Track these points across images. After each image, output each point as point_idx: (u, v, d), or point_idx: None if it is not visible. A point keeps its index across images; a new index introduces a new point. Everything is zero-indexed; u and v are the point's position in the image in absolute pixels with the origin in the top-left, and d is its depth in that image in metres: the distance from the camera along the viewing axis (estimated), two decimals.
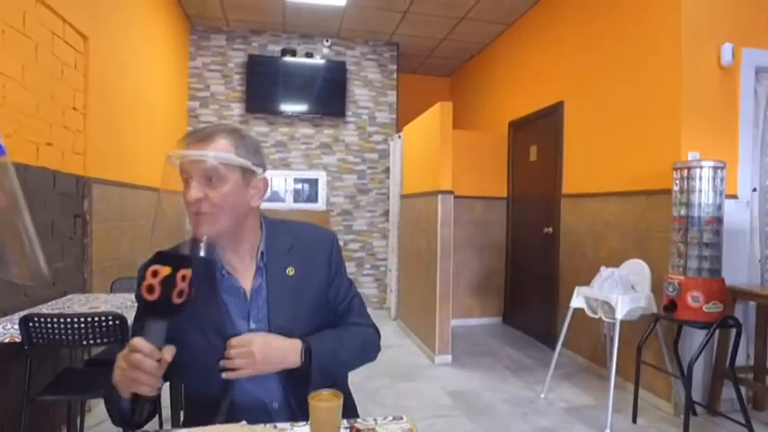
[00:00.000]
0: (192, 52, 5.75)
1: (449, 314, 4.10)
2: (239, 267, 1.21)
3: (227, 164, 1.10)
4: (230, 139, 1.14)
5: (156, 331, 0.90)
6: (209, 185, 1.10)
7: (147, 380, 0.88)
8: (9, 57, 2.23)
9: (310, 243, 1.29)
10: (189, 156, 1.11)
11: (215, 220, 1.10)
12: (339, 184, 6.07)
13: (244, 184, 1.15)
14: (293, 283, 1.22)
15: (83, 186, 2.99)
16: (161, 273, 0.88)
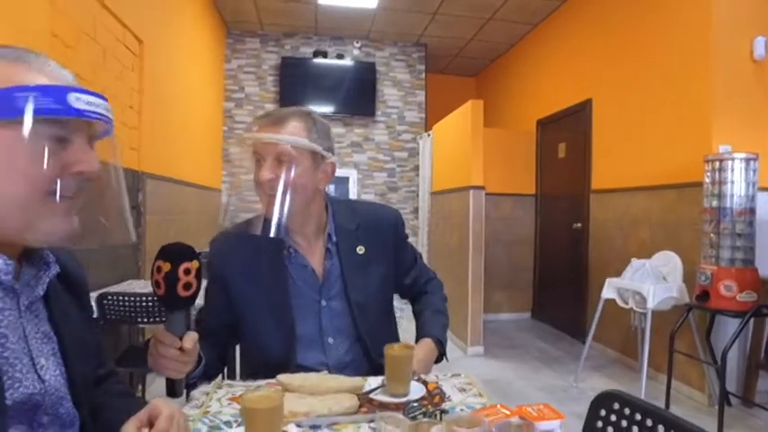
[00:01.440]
0: (228, 55, 5.98)
1: (480, 307, 4.21)
2: (306, 246, 1.31)
3: (299, 147, 1.18)
4: (303, 123, 1.20)
5: (176, 321, 0.93)
6: (281, 167, 1.17)
7: (173, 365, 0.93)
8: (82, 60, 2.43)
9: (376, 222, 1.39)
10: (264, 138, 1.17)
11: (284, 200, 1.16)
12: (369, 181, 6.22)
13: (313, 167, 1.22)
14: (364, 261, 1.33)
15: (138, 180, 3.20)
16: (163, 269, 0.89)
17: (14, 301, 0.71)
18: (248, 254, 1.28)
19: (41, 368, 0.72)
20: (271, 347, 1.26)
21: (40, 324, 0.76)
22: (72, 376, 0.78)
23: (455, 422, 0.74)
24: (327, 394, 1.02)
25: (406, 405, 0.98)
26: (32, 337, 0.73)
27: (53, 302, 0.79)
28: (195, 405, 1.04)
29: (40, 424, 0.72)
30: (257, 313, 1.28)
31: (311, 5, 5.23)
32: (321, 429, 0.92)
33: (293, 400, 0.98)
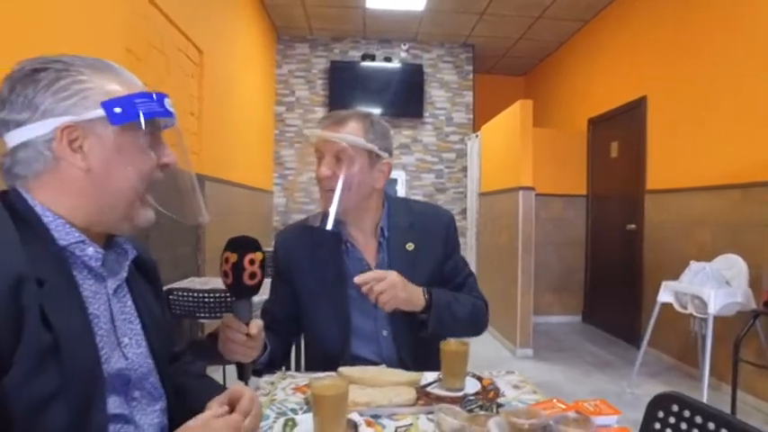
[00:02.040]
0: (279, 60, 6.17)
1: (530, 309, 4.16)
2: (362, 241, 1.37)
3: (355, 146, 1.24)
4: (362, 124, 1.27)
5: (242, 309, 0.99)
6: (339, 165, 1.24)
7: (240, 350, 1.00)
8: (151, 70, 2.60)
9: (428, 221, 1.43)
10: (323, 136, 1.26)
11: (342, 196, 1.23)
12: (417, 183, 6.26)
13: (369, 166, 1.28)
14: (412, 257, 1.37)
15: (198, 182, 3.37)
16: (230, 259, 0.96)
17: (103, 285, 0.80)
18: (309, 248, 1.36)
19: (125, 346, 0.81)
20: (329, 338, 1.33)
21: (124, 306, 0.85)
22: (154, 353, 0.86)
23: (513, 414, 0.77)
24: (386, 386, 1.07)
25: (463, 398, 1.02)
26: (118, 318, 0.82)
27: (133, 287, 0.88)
28: (262, 393, 1.11)
29: (132, 398, 0.81)
30: (317, 305, 1.35)
31: (359, 10, 5.32)
32: (381, 419, 0.97)
33: (354, 391, 1.03)
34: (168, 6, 2.77)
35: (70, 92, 0.74)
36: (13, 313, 0.62)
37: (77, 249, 0.75)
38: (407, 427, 0.94)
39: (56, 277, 0.70)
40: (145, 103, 0.78)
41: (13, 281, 0.63)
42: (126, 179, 0.78)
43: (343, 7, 5.27)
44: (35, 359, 0.63)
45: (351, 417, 0.90)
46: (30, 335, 0.64)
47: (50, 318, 0.66)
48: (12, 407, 0.61)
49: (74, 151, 0.74)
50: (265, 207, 5.74)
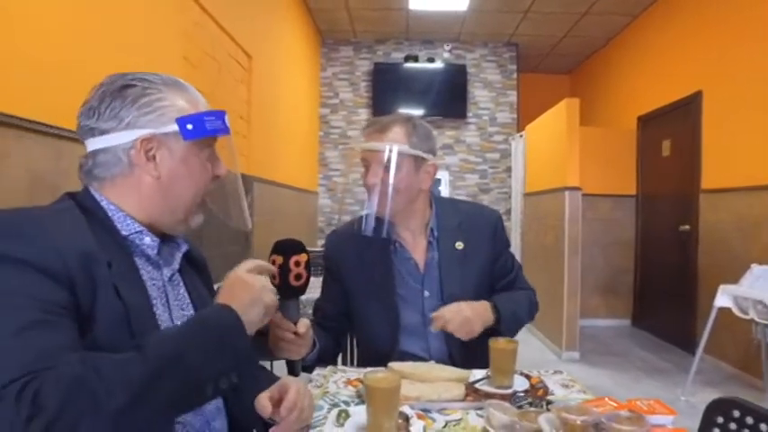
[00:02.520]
0: (323, 63, 6.28)
1: (576, 311, 4.07)
2: (410, 241, 1.41)
3: (401, 153, 1.28)
4: (404, 129, 1.32)
5: (290, 308, 1.03)
6: (385, 171, 1.28)
7: (289, 347, 1.04)
8: (204, 77, 2.72)
9: (477, 220, 1.45)
10: (368, 147, 1.31)
11: (389, 200, 1.28)
12: (461, 183, 6.23)
13: (415, 170, 1.32)
14: (462, 256, 1.40)
15: (247, 184, 3.49)
16: (277, 261, 0.99)
17: (159, 273, 0.89)
18: (359, 248, 1.40)
19: None
20: (377, 334, 1.37)
21: (179, 294, 0.93)
22: None
23: (564, 410, 0.78)
24: (436, 382, 1.09)
25: (513, 395, 1.02)
26: (173, 304, 0.90)
27: (185, 278, 0.96)
28: (315, 385, 1.16)
29: None
30: (366, 302, 1.39)
31: (402, 11, 5.36)
32: (431, 413, 0.99)
33: (405, 386, 1.05)
34: (220, 15, 2.89)
35: (151, 108, 0.83)
36: (88, 283, 0.72)
37: (137, 239, 0.85)
38: (457, 422, 0.95)
39: (121, 261, 0.80)
40: (212, 120, 0.87)
41: (82, 252, 0.72)
42: (188, 188, 0.88)
43: (386, 9, 5.32)
44: (112, 324, 0.73)
45: (402, 409, 0.92)
46: (105, 303, 0.73)
47: (121, 293, 0.75)
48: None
49: (148, 160, 0.83)
50: (311, 208, 5.86)
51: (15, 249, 0.68)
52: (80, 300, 0.71)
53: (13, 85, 1.38)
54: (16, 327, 0.64)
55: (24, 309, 0.66)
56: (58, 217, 0.77)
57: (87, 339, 0.70)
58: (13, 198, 1.35)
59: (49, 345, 0.64)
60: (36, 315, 0.65)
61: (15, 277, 0.67)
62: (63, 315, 0.68)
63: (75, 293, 0.70)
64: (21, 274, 0.68)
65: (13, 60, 1.37)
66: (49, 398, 0.58)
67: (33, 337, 0.64)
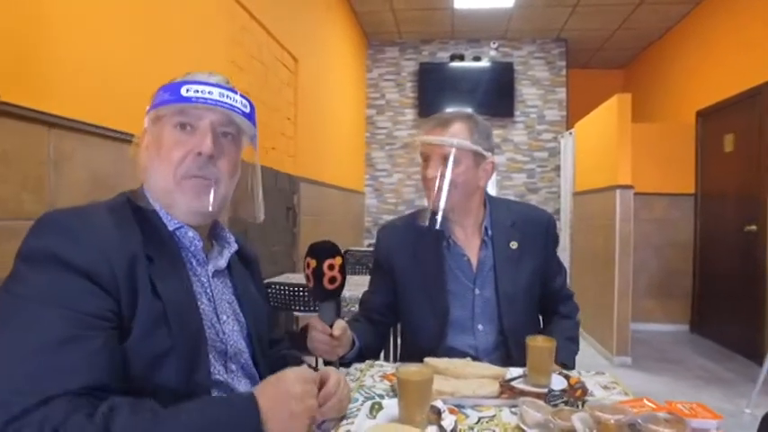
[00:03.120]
0: (369, 65, 6.34)
1: (628, 315, 3.91)
2: (463, 238, 1.41)
3: (462, 148, 1.29)
4: (466, 125, 1.32)
5: (326, 311, 1.04)
6: (445, 166, 1.29)
7: (325, 348, 1.06)
8: (251, 79, 2.82)
9: (530, 220, 1.45)
10: (430, 140, 1.31)
11: (448, 196, 1.29)
12: (508, 183, 6.13)
13: (474, 166, 1.33)
14: (516, 255, 1.39)
15: (293, 184, 3.58)
16: (311, 265, 1.00)
17: (204, 269, 0.92)
18: (411, 242, 1.42)
19: (223, 323, 0.91)
20: (423, 329, 1.39)
21: (225, 290, 0.96)
22: (249, 334, 0.97)
23: (598, 408, 0.76)
24: (471, 378, 1.09)
25: (548, 394, 1.01)
26: (218, 299, 0.93)
27: (235, 275, 0.99)
28: (352, 378, 1.18)
29: (230, 370, 0.91)
30: (414, 296, 1.41)
31: (448, 11, 5.33)
32: (465, 408, 0.99)
33: (440, 381, 1.06)
34: (267, 20, 2.98)
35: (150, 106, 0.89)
36: (131, 285, 0.75)
37: (181, 233, 0.89)
38: (490, 419, 0.95)
39: (164, 255, 0.83)
40: (160, 94, 0.86)
41: (130, 257, 0.76)
42: (157, 168, 0.87)
43: (431, 9, 5.31)
44: (149, 323, 0.75)
45: (435, 403, 0.93)
46: (143, 302, 0.75)
47: (158, 288, 0.77)
48: (132, 362, 0.73)
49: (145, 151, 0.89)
50: (357, 208, 5.93)
51: (65, 250, 0.71)
52: (122, 305, 0.73)
53: (79, 92, 1.49)
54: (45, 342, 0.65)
55: (59, 321, 0.67)
56: (109, 216, 0.80)
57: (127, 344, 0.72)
58: (75, 197, 1.45)
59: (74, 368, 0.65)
60: (69, 330, 0.67)
61: (57, 280, 0.70)
62: (99, 328, 0.70)
63: (118, 299, 0.73)
64: (65, 278, 0.70)
65: (79, 71, 1.48)
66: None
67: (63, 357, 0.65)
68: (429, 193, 1.32)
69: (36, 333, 0.66)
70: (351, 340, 1.19)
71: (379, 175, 6.32)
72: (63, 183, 1.43)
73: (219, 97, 0.86)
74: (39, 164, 1.35)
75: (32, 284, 0.69)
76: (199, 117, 0.87)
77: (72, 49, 1.46)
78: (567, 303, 1.54)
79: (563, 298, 1.54)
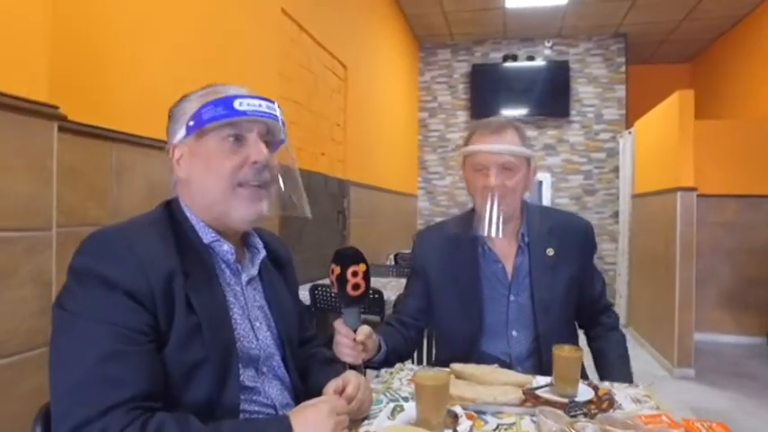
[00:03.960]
0: (421, 68, 6.37)
1: (691, 324, 3.70)
2: (499, 244, 1.40)
3: (521, 155, 1.30)
4: (517, 132, 1.33)
5: (350, 316, 1.05)
6: (505, 174, 1.29)
7: (348, 353, 1.07)
8: (301, 88, 2.93)
9: (568, 228, 1.43)
10: (494, 150, 1.29)
11: (507, 202, 1.30)
12: (564, 185, 5.95)
13: (528, 172, 1.35)
14: (552, 262, 1.38)
15: (343, 188, 3.67)
16: (335, 271, 1.01)
17: (238, 278, 0.96)
18: (447, 248, 1.44)
19: (257, 329, 0.96)
20: (457, 334, 1.40)
21: (257, 296, 1.01)
22: (280, 337, 1.01)
23: (608, 422, 0.76)
24: (496, 385, 1.10)
25: (568, 404, 1.00)
26: (251, 305, 0.97)
27: (266, 279, 1.03)
28: (380, 381, 1.22)
29: (262, 372, 0.96)
30: (448, 302, 1.42)
31: (499, 10, 5.26)
32: (486, 415, 1.01)
33: (463, 387, 1.08)
34: (317, 30, 3.09)
35: (175, 119, 0.93)
36: (168, 300, 0.81)
37: (217, 246, 0.93)
38: (509, 426, 0.96)
39: (199, 269, 0.88)
40: (209, 110, 0.87)
41: (168, 273, 0.81)
42: (208, 179, 0.89)
43: (482, 10, 5.26)
44: (185, 335, 0.81)
45: (453, 408, 0.95)
46: (179, 317, 0.81)
47: (193, 303, 0.83)
48: (170, 372, 0.80)
49: (180, 166, 0.92)
50: (409, 210, 5.97)
51: (108, 270, 0.77)
52: (159, 319, 0.79)
53: (137, 108, 1.63)
54: (98, 357, 0.72)
55: (107, 337, 0.74)
56: (149, 234, 0.85)
57: (164, 351, 0.80)
58: (135, 204, 1.59)
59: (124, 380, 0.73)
60: (116, 345, 0.74)
61: (104, 299, 0.76)
62: (141, 342, 0.76)
63: (155, 314, 0.79)
64: (108, 296, 0.76)
65: (136, 88, 1.62)
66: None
67: (112, 369, 0.72)
68: (484, 201, 1.30)
69: (89, 348, 0.73)
70: (376, 344, 1.21)
71: (432, 177, 6.33)
72: (124, 192, 1.57)
73: (267, 109, 0.90)
74: (102, 175, 1.50)
75: (81, 302, 0.77)
76: (249, 129, 0.90)
77: (130, 69, 1.60)
78: (609, 314, 1.51)
79: (603, 308, 1.50)
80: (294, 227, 2.87)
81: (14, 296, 1.10)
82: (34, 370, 1.13)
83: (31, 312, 1.13)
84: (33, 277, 1.14)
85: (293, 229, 2.82)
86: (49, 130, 1.17)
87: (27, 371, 1.12)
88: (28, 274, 1.13)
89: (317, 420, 0.80)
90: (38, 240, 1.15)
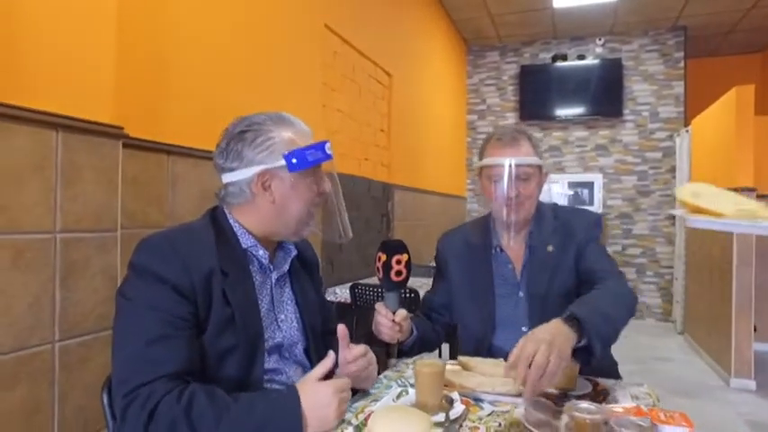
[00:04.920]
0: (470, 71, 6.39)
1: (749, 332, 3.53)
2: (511, 247, 1.49)
3: (535, 165, 1.39)
4: (529, 142, 1.42)
5: (391, 299, 1.17)
6: (520, 183, 1.37)
7: (387, 332, 1.20)
8: (344, 97, 3.10)
9: (571, 223, 1.48)
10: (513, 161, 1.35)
11: (524, 209, 1.40)
12: (616, 186, 5.79)
13: (540, 179, 1.44)
14: (551, 258, 1.44)
15: (387, 191, 3.80)
16: (381, 258, 1.13)
17: (268, 277, 1.12)
18: (464, 250, 1.55)
19: (281, 322, 1.12)
20: (471, 330, 1.50)
21: (285, 292, 1.16)
22: (305, 327, 1.16)
23: (577, 408, 0.84)
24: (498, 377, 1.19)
25: (558, 395, 1.08)
26: (278, 300, 1.13)
27: (294, 277, 1.19)
28: (395, 369, 1.34)
29: (285, 357, 1.11)
30: (464, 301, 1.53)
31: (547, 11, 5.22)
32: (483, 402, 1.10)
33: (466, 377, 1.18)
34: (360, 41, 3.25)
35: (263, 147, 1.04)
36: (207, 294, 0.97)
37: (254, 250, 1.08)
38: (503, 413, 1.05)
39: (236, 270, 1.03)
40: (313, 153, 1.04)
41: (208, 272, 0.97)
42: (297, 207, 1.06)
43: (529, 11, 5.24)
44: (220, 325, 0.97)
45: (450, 395, 1.06)
46: (216, 308, 0.97)
47: (229, 297, 0.99)
48: (207, 355, 0.96)
49: (264, 190, 1.05)
50: (458, 212, 6.01)
51: (159, 268, 0.93)
52: (199, 310, 0.95)
53: (189, 123, 1.84)
54: (148, 339, 0.88)
55: (156, 322, 0.90)
56: (194, 236, 1.02)
57: (203, 336, 0.95)
58: (188, 209, 1.80)
59: (168, 358, 0.89)
60: (163, 329, 0.90)
61: (155, 291, 0.92)
62: (183, 328, 0.92)
63: (196, 305, 0.94)
64: (159, 289, 0.92)
65: (189, 104, 1.83)
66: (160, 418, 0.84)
67: (159, 349, 0.88)
68: (501, 209, 1.39)
69: (142, 330, 0.90)
70: (410, 329, 1.34)
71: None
72: (179, 198, 1.78)
73: (329, 150, 1.08)
74: (160, 184, 1.71)
75: (137, 292, 0.94)
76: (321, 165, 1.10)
77: (184, 88, 1.82)
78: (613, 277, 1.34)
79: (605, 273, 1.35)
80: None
81: (87, 286, 1.32)
82: (103, 348, 1.34)
83: (101, 300, 1.34)
84: (102, 270, 1.35)
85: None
86: (115, 148, 1.39)
87: (97, 348, 1.33)
88: (98, 268, 1.35)
89: (323, 398, 0.92)
90: (106, 240, 1.37)
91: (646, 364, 4.00)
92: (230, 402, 0.89)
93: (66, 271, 1.27)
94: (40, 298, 1.21)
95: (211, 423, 0.85)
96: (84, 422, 1.32)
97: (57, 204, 1.25)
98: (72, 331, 1.28)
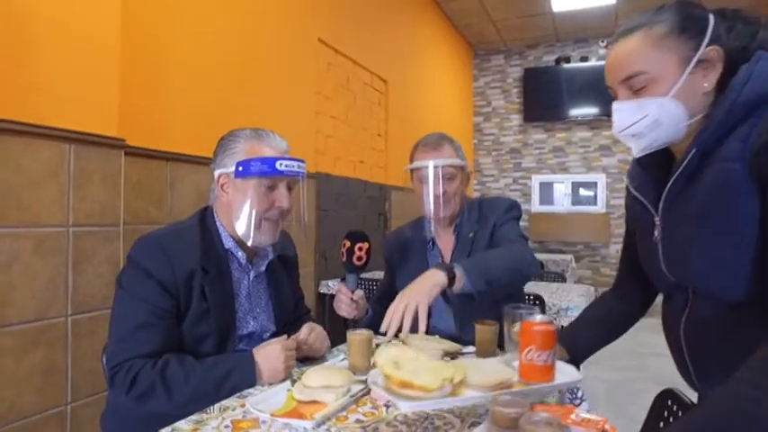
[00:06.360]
0: (476, 74, 6.57)
1: None
2: (442, 241, 1.69)
3: (457, 166, 1.58)
4: (452, 145, 1.62)
5: (351, 280, 1.37)
6: (446, 182, 1.57)
7: (345, 308, 1.39)
8: (338, 105, 3.34)
9: (489, 209, 1.65)
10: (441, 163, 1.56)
11: (450, 205, 1.58)
12: (620, 185, 5.89)
13: (463, 177, 1.63)
14: (470, 244, 1.63)
15: (384, 192, 4.03)
16: (346, 245, 1.31)
17: (247, 274, 1.31)
18: (404, 247, 1.77)
19: (256, 315, 1.32)
20: None
21: (261, 288, 1.35)
22: (277, 318, 1.37)
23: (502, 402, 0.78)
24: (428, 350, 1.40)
25: None
26: (255, 296, 1.32)
27: (272, 275, 1.37)
28: None
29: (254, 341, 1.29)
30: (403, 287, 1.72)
31: (548, 15, 5.36)
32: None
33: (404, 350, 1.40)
34: (354, 51, 3.48)
35: (228, 153, 1.20)
36: (188, 290, 1.16)
37: (234, 251, 1.27)
38: None
39: (216, 268, 1.21)
40: (258, 165, 1.15)
41: (190, 270, 1.16)
42: (246, 213, 1.18)
43: (530, 16, 5.39)
44: (197, 316, 1.17)
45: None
46: (195, 303, 1.17)
47: (207, 294, 1.18)
48: (184, 340, 1.17)
49: (223, 191, 1.24)
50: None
51: (148, 264, 1.11)
52: (180, 303, 1.12)
53: (188, 132, 2.11)
54: (135, 324, 1.07)
55: (142, 311, 1.08)
56: (182, 237, 1.18)
57: (182, 327, 1.13)
58: (185, 208, 2.06)
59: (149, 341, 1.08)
60: (147, 318, 1.08)
61: (144, 284, 1.10)
62: (165, 318, 1.09)
63: (178, 299, 1.12)
64: (147, 283, 1.10)
65: (186, 115, 2.10)
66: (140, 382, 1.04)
67: (142, 334, 1.07)
68: (430, 207, 1.57)
69: (132, 316, 1.09)
70: (365, 308, 1.54)
71: (487, 180, 6.51)
72: (177, 199, 2.05)
73: (298, 169, 1.19)
74: (160, 186, 1.98)
75: (130, 283, 1.12)
76: (281, 181, 1.20)
77: (181, 100, 2.09)
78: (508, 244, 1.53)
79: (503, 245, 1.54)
80: (331, 227, 3.27)
81: (95, 271, 1.59)
82: (107, 322, 1.57)
83: (105, 283, 1.62)
84: (107, 259, 1.63)
85: (329, 229, 3.22)
86: (118, 157, 1.66)
87: (103, 323, 1.61)
88: (104, 257, 1.62)
89: (272, 352, 1.14)
90: (110, 233, 1.64)
91: (642, 360, 4.14)
92: (197, 363, 1.11)
93: (77, 258, 1.55)
94: (56, 279, 1.49)
95: (181, 380, 1.07)
96: (92, 383, 1.59)
97: (69, 204, 1.52)
98: (82, 307, 1.56)
